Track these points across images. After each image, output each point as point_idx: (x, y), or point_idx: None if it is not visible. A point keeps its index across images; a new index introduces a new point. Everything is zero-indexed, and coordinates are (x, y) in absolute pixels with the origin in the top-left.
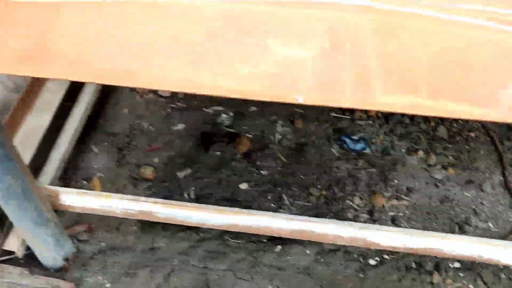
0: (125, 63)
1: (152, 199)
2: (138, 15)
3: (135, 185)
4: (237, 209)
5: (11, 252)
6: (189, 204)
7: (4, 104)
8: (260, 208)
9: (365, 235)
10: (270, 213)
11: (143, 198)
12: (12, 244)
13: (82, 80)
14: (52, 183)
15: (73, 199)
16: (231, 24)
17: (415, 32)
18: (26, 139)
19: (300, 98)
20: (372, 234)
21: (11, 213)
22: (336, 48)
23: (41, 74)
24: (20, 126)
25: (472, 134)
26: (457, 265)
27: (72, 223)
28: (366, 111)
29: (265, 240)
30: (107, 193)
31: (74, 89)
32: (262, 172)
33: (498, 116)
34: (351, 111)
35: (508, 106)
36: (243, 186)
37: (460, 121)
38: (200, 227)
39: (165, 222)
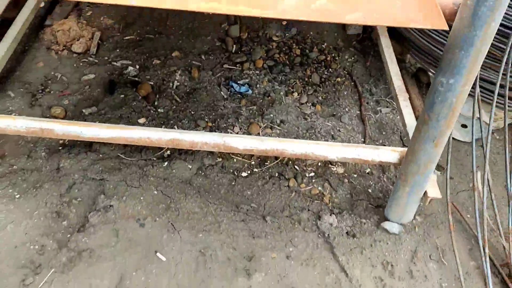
0: None
1: (51, 119)
2: None
3: None
4: (123, 125)
5: None
6: (82, 122)
7: None
8: None
9: (226, 141)
10: (151, 128)
11: (44, 119)
12: None
13: None
14: None
15: None
16: None
17: None
18: None
19: (134, 1)
20: (232, 140)
21: None
22: None
23: None
24: None
25: (339, 80)
26: (311, 174)
27: None
28: (254, 64)
29: (154, 158)
30: (11, 115)
31: None
32: (159, 110)
33: (270, 14)
34: (241, 63)
35: (280, 9)
36: (141, 120)
37: (330, 69)
38: (99, 150)
39: (62, 138)
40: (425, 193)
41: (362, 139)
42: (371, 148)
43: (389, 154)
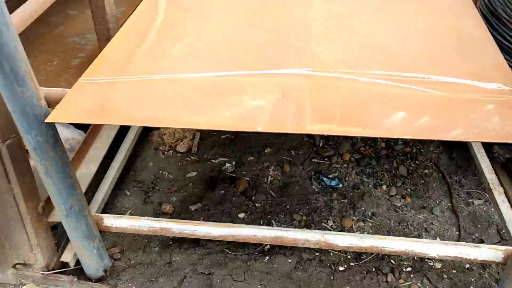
0: (154, 113)
1: (169, 219)
2: (161, 85)
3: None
4: (231, 223)
5: (65, 265)
6: (196, 221)
7: None
8: None
9: (327, 238)
10: (256, 226)
11: (162, 219)
12: (66, 257)
13: (127, 124)
14: None
15: (112, 221)
16: (219, 88)
17: (336, 88)
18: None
19: (259, 128)
20: (332, 237)
21: (69, 227)
22: (285, 98)
23: (101, 122)
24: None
25: (426, 171)
26: (409, 269)
27: (110, 247)
28: (341, 157)
29: (256, 253)
30: (137, 216)
31: (112, 150)
32: (256, 204)
33: (379, 133)
34: (329, 157)
35: (387, 128)
36: (241, 215)
37: (416, 161)
38: (206, 245)
39: (179, 236)
40: None
41: (457, 232)
42: (473, 246)
43: (493, 253)
